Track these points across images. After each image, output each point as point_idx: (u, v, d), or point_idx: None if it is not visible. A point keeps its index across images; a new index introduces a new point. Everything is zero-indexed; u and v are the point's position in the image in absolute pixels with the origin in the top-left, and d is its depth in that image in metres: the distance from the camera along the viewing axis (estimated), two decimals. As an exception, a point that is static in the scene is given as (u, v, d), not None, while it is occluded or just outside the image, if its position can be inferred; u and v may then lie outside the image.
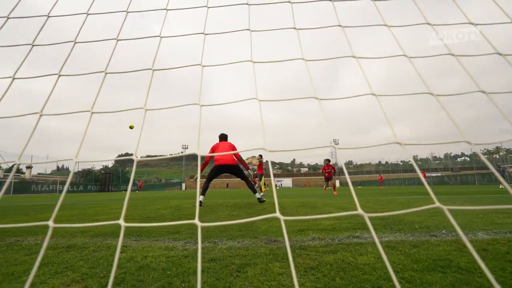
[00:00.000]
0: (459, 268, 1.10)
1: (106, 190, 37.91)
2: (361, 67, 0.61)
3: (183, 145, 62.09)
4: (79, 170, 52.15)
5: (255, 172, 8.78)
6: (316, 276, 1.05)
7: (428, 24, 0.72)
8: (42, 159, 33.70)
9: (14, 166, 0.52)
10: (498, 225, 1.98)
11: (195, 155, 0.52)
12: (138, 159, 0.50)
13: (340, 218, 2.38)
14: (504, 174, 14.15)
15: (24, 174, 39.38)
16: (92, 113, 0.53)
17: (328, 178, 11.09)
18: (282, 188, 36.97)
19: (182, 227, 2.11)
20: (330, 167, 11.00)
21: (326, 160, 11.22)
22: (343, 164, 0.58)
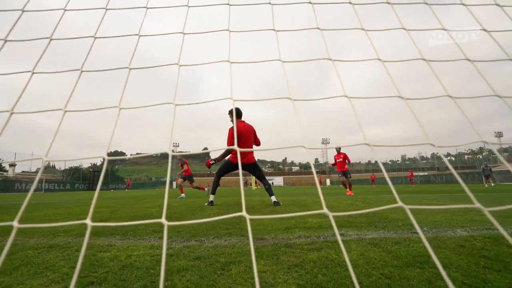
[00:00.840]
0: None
1: (94, 188, 37.08)
2: (338, 71, 0.62)
3: (174, 143, 61.49)
4: (66, 168, 50.69)
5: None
6: (299, 273, 1.07)
7: (404, 29, 0.74)
8: (27, 157, 32.58)
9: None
10: (476, 222, 2.06)
11: (187, 153, 0.52)
12: (108, 158, 0.50)
13: (326, 216, 2.41)
14: (491, 173, 14.70)
15: (7, 172, 38.04)
16: (65, 111, 0.52)
17: (345, 172, 7.93)
18: (273, 187, 37.06)
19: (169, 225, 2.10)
20: (342, 156, 8.07)
21: (338, 148, 8.08)
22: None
